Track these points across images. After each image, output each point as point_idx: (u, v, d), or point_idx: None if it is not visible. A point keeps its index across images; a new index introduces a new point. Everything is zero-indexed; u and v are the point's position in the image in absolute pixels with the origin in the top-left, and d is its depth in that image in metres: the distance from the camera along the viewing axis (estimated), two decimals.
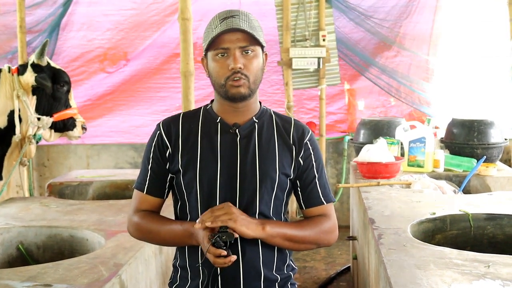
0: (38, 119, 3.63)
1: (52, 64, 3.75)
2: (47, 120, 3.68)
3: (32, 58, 3.65)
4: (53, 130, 3.80)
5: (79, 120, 3.91)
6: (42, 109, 3.68)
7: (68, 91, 3.81)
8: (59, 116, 3.76)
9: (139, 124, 6.26)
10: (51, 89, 3.66)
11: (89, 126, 5.93)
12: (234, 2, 5.80)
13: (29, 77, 3.60)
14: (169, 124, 1.87)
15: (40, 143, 3.93)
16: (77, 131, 3.90)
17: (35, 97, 3.64)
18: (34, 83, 3.60)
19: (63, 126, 3.83)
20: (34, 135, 3.65)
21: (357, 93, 6.25)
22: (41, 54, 3.62)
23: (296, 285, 1.94)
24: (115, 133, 6.32)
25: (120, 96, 6.26)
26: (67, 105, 3.80)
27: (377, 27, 6.03)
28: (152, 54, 6.21)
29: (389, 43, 6.06)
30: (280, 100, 6.11)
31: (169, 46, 6.17)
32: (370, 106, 6.21)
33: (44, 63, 3.65)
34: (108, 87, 6.23)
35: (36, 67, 3.63)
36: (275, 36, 6.10)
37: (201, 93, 5.70)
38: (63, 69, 3.84)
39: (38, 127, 3.65)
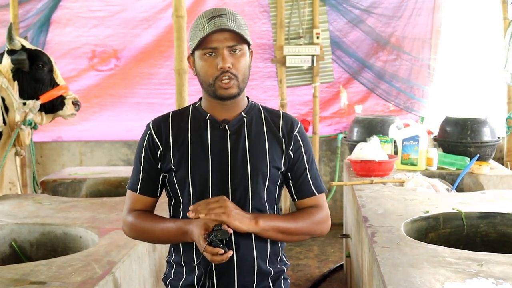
0: (24, 104, 3.58)
1: (28, 46, 3.68)
2: (34, 104, 3.61)
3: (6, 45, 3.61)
4: (43, 113, 3.73)
5: (69, 97, 3.79)
6: (26, 93, 3.61)
7: (50, 70, 3.72)
8: (46, 97, 3.67)
9: (128, 128, 6.19)
10: (28, 64, 3.58)
11: (80, 127, 5.96)
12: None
13: (6, 61, 3.57)
14: (159, 124, 1.88)
15: (33, 140, 3.89)
16: (67, 109, 3.79)
17: (16, 82, 3.59)
18: (12, 66, 3.55)
19: (53, 107, 3.74)
20: (25, 121, 3.60)
21: (355, 96, 6.24)
22: (9, 39, 3.56)
23: (288, 280, 1.96)
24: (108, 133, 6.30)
25: (108, 100, 6.22)
26: (53, 85, 3.71)
27: (375, 25, 6.02)
28: (141, 57, 6.15)
29: (382, 43, 6.06)
30: (274, 107, 6.04)
31: (158, 48, 6.12)
32: (368, 110, 6.15)
33: (17, 47, 3.59)
34: (96, 89, 6.17)
35: (11, 52, 3.58)
36: (269, 40, 6.09)
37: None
38: (40, 49, 3.77)
39: (26, 113, 3.59)
